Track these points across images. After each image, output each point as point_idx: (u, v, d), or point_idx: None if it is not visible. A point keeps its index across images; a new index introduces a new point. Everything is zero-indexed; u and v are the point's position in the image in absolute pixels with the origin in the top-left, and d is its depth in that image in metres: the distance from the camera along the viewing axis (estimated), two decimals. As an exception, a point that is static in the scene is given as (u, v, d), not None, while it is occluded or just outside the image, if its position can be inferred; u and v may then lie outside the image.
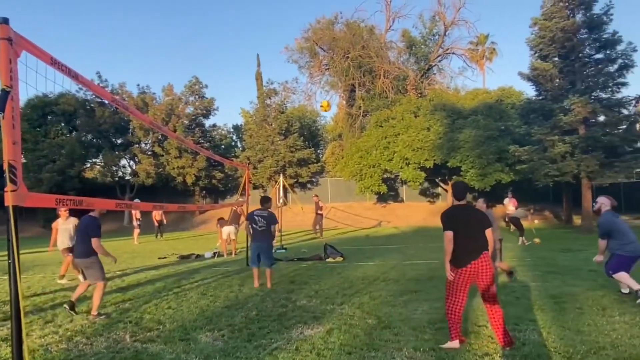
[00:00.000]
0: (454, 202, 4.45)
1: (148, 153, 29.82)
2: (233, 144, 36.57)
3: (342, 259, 10.77)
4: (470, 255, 4.15)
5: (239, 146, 36.27)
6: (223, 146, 33.60)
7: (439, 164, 23.80)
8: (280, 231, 15.33)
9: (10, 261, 2.76)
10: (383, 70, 31.84)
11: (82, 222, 5.91)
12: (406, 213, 27.21)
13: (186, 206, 12.11)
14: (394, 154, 24.60)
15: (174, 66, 73.30)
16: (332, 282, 7.79)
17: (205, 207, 19.37)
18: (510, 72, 76.19)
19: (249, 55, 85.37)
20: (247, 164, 17.31)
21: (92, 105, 29.30)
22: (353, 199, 29.09)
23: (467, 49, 36.20)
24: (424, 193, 29.00)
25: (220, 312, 5.86)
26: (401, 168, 24.63)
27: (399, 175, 26.10)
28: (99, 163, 30.61)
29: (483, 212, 4.64)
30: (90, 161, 30.85)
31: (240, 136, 36.61)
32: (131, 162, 31.13)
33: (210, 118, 33.09)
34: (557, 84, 19.31)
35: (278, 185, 16.72)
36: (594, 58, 18.87)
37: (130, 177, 30.67)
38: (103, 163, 29.95)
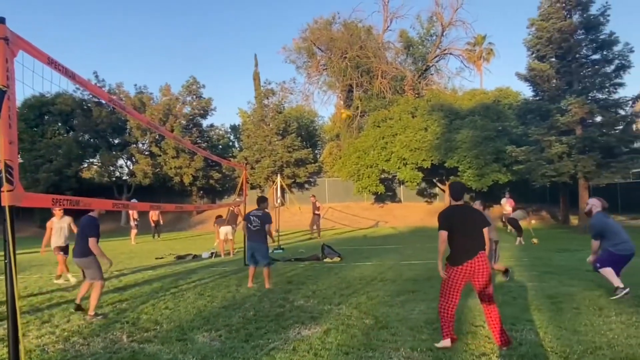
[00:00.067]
0: (452, 202, 4.47)
1: (145, 153, 29.78)
2: (230, 144, 36.57)
3: (340, 259, 10.77)
4: (466, 254, 4.16)
5: (237, 146, 36.24)
6: (220, 146, 33.60)
7: (437, 165, 23.83)
8: (277, 231, 15.34)
9: (6, 261, 2.75)
10: (380, 70, 31.87)
11: (81, 222, 5.93)
12: (404, 213, 27.24)
13: (183, 206, 12.08)
14: (392, 154, 24.63)
15: (171, 66, 73.31)
16: (330, 283, 7.79)
17: (202, 207, 19.31)
18: (507, 73, 76.53)
19: (247, 55, 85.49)
20: (245, 164, 17.31)
21: (89, 105, 29.25)
22: (350, 199, 29.10)
23: (465, 50, 36.28)
24: (422, 193, 29.02)
25: (217, 313, 5.86)
26: (399, 168, 24.66)
27: (397, 175, 26.12)
28: (96, 163, 30.53)
29: (480, 212, 4.67)
30: (87, 161, 30.77)
31: (237, 136, 36.59)
32: (128, 162, 31.08)
33: (207, 118, 33.11)
34: (554, 85, 19.37)
35: (275, 185, 16.71)
36: (591, 59, 18.93)
37: (127, 177, 30.63)
38: (100, 163, 29.86)
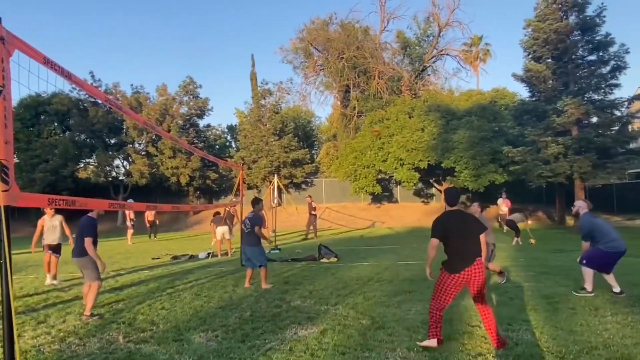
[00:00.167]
0: (447, 208, 4.42)
1: (142, 153, 29.70)
2: (227, 144, 36.50)
3: (336, 260, 10.77)
4: (464, 261, 4.13)
5: (234, 146, 36.18)
6: (217, 146, 33.54)
7: (433, 165, 23.88)
8: (274, 232, 15.34)
9: (2, 261, 2.75)
10: (377, 71, 31.89)
11: (80, 223, 5.95)
12: (400, 213, 27.27)
13: (180, 206, 12.04)
14: (389, 155, 24.67)
15: (168, 66, 73.20)
16: (326, 283, 7.79)
17: (199, 208, 19.27)
18: (503, 74, 76.82)
19: (244, 55, 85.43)
20: (242, 164, 17.30)
21: (86, 105, 29.14)
22: (347, 200, 29.11)
23: (461, 50, 36.33)
24: (418, 194, 29.07)
25: (214, 313, 5.85)
26: (395, 169, 24.70)
27: (393, 175, 26.15)
28: (93, 163, 30.40)
29: (476, 218, 4.60)
30: (83, 161, 30.62)
31: (234, 136, 36.54)
32: (125, 162, 30.98)
33: (204, 118, 33.05)
34: (551, 86, 19.45)
35: (272, 185, 16.70)
36: (587, 60, 19.03)
37: (123, 177, 30.52)
38: (96, 163, 29.76)
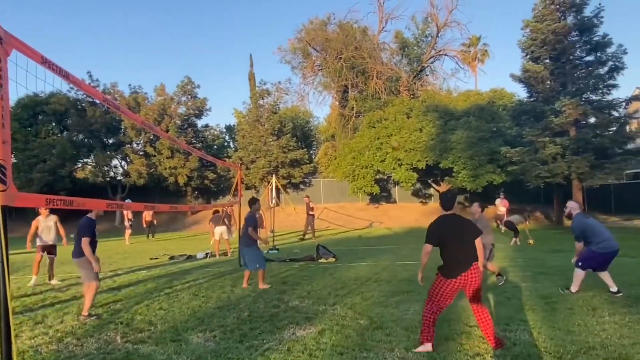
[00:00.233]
0: (442, 212, 4.39)
1: (140, 153, 29.64)
2: (225, 145, 36.46)
3: (335, 260, 10.77)
4: (460, 266, 4.11)
5: (232, 147, 36.15)
6: (215, 146, 33.50)
7: (432, 165, 23.89)
8: (272, 232, 15.35)
9: (-1, 262, 2.74)
10: (376, 71, 31.91)
11: (79, 223, 5.96)
12: (398, 214, 27.29)
13: (178, 206, 12.02)
14: (387, 155, 24.67)
15: (167, 66, 73.09)
16: (325, 283, 7.79)
17: (197, 208, 19.26)
18: (502, 74, 76.86)
19: (242, 55, 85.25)
20: (240, 165, 17.27)
21: (84, 105, 29.07)
22: (345, 200, 29.11)
23: (459, 51, 36.41)
24: (417, 194, 29.08)
25: (212, 313, 5.84)
26: (394, 169, 24.70)
27: (392, 176, 26.15)
28: (90, 163, 30.34)
29: (472, 222, 4.55)
30: (81, 161, 30.57)
31: (232, 136, 36.50)
32: (123, 162, 30.92)
33: (202, 118, 33.04)
34: (548, 86, 19.49)
35: (270, 185, 16.68)
36: (585, 60, 19.08)
37: (121, 177, 30.47)
38: (94, 163, 29.69)
